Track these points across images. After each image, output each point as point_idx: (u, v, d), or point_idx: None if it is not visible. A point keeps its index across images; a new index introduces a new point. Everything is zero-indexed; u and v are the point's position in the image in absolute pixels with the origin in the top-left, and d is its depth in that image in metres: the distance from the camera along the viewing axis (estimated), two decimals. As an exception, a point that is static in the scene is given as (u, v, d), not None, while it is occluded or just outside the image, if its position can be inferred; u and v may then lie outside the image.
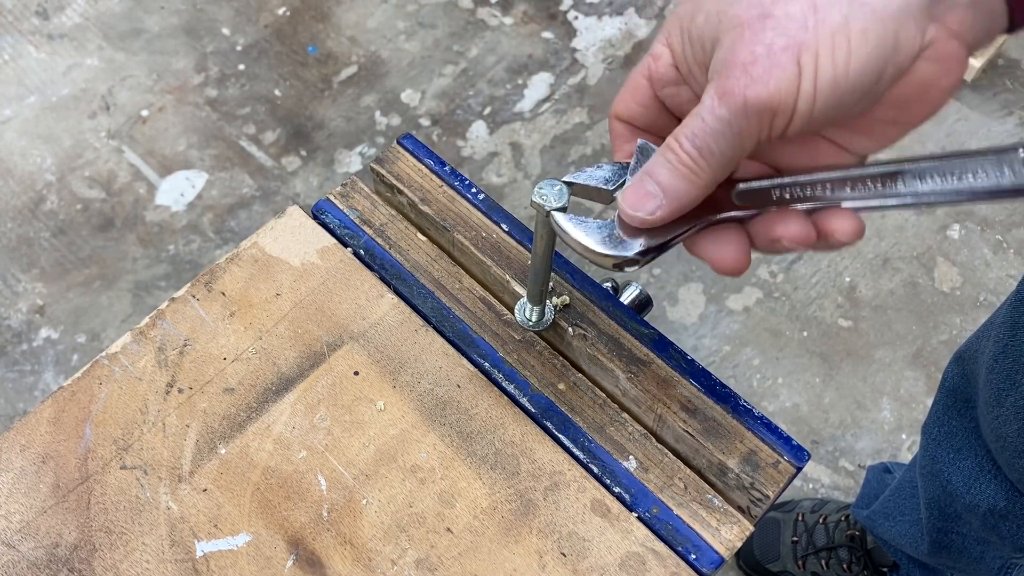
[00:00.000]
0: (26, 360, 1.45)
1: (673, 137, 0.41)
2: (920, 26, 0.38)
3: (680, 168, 0.41)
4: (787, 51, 0.37)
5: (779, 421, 1.37)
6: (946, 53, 0.39)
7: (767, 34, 0.38)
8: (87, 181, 1.61)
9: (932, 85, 0.40)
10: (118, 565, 0.51)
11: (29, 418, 0.56)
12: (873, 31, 0.37)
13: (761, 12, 0.38)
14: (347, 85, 1.72)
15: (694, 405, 0.55)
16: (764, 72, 0.38)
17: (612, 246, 0.45)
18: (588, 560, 0.52)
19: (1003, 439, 0.79)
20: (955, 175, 0.41)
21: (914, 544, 1.03)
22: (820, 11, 0.37)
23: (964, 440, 0.87)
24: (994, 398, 0.79)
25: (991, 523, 0.86)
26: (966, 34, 0.39)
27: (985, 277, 1.52)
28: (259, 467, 0.55)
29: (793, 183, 0.44)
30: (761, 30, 0.38)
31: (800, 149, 0.45)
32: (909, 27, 0.38)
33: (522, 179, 1.61)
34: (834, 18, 0.37)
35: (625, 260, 0.45)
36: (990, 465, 0.84)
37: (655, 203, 0.42)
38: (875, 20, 0.37)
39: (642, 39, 1.78)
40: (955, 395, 0.89)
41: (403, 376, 0.57)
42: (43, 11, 1.80)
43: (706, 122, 0.39)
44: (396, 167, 0.64)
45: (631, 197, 0.43)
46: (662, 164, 0.42)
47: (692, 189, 0.42)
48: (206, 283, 0.61)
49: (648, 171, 0.42)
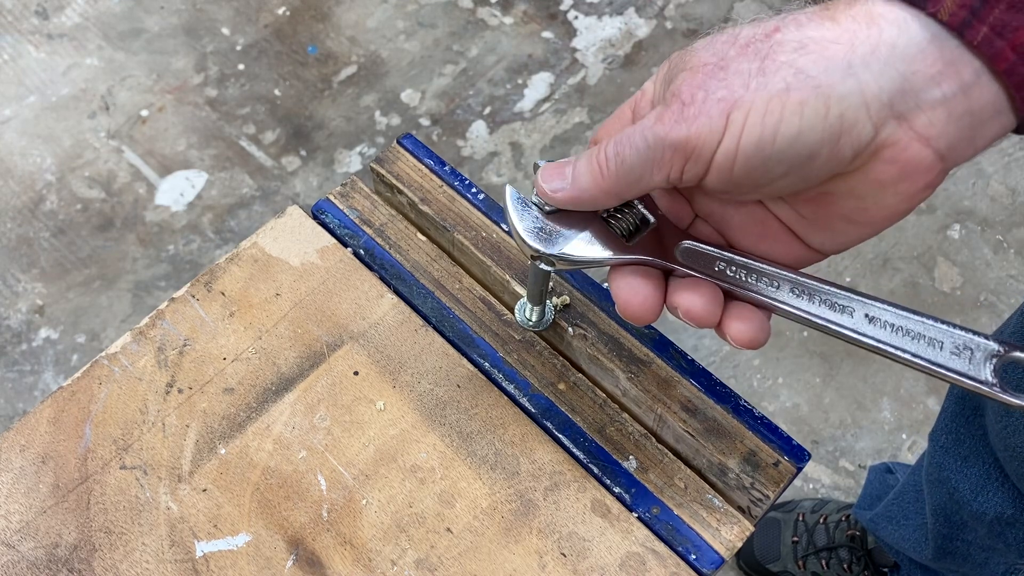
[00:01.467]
0: (26, 360, 1.45)
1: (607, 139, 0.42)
2: (875, 119, 0.36)
3: (594, 164, 0.42)
4: (721, 103, 0.37)
5: (779, 421, 1.37)
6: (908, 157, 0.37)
7: (712, 82, 0.38)
8: (87, 181, 1.61)
9: (889, 188, 0.38)
10: (118, 565, 0.51)
11: (29, 418, 0.56)
12: (811, 107, 0.36)
13: (717, 63, 0.38)
14: (347, 85, 1.72)
15: (694, 405, 0.55)
16: (693, 115, 0.38)
17: (536, 237, 0.45)
18: (588, 560, 0.52)
19: (1011, 449, 0.79)
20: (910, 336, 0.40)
21: (918, 549, 1.02)
22: (766, 74, 0.37)
23: (972, 448, 0.87)
24: (1003, 408, 0.79)
25: (998, 531, 0.86)
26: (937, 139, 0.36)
27: (985, 277, 1.52)
28: (259, 467, 0.54)
29: (742, 263, 0.43)
30: (709, 77, 0.38)
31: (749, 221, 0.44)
32: (860, 115, 0.36)
33: (522, 179, 1.61)
34: (776, 84, 0.37)
35: (541, 255, 0.45)
36: (997, 473, 0.84)
37: (561, 183, 0.44)
38: (816, 96, 0.36)
39: (642, 39, 1.78)
40: (963, 403, 0.89)
41: (403, 376, 0.57)
42: (43, 11, 1.80)
43: (633, 136, 0.40)
44: (396, 167, 0.64)
45: (548, 171, 0.44)
46: (585, 156, 0.43)
47: (593, 187, 0.42)
48: (206, 283, 0.61)
49: (575, 157, 0.44)
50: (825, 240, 0.43)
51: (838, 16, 0.37)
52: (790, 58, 0.37)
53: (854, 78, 0.36)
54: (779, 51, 0.37)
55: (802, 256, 0.44)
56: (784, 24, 0.38)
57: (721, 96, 0.37)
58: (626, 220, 0.46)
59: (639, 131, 0.40)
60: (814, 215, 0.42)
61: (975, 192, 1.60)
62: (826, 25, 0.37)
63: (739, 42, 0.38)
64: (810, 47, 0.37)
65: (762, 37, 0.38)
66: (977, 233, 1.55)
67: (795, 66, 0.36)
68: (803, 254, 0.44)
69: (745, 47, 0.38)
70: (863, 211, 0.40)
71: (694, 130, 0.38)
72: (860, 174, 0.38)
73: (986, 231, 1.56)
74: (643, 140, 0.40)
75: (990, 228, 1.56)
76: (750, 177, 0.39)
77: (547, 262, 0.46)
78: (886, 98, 0.36)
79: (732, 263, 0.44)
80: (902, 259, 1.53)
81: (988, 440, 0.85)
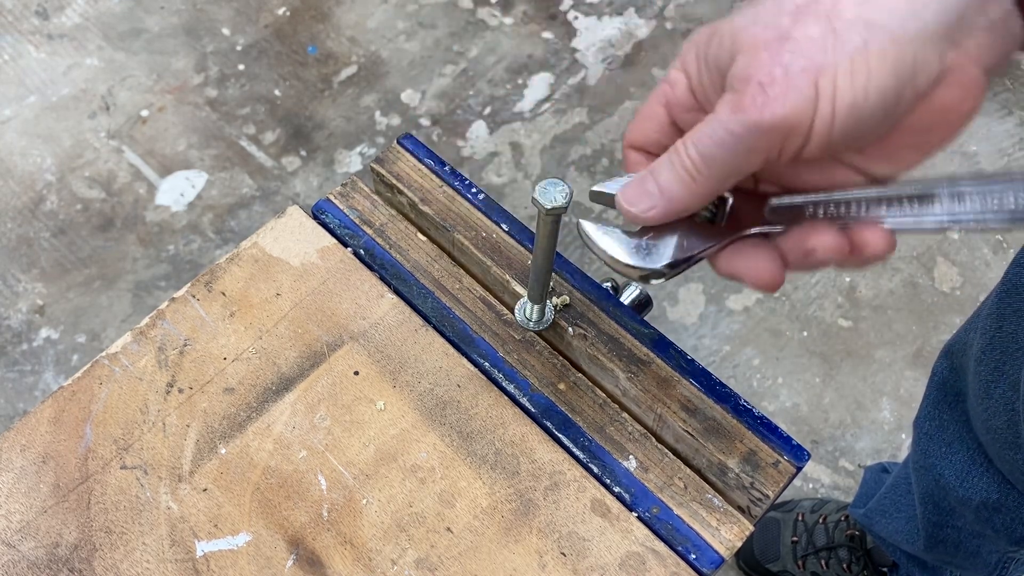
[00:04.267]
0: (26, 360, 1.45)
1: (681, 141, 0.41)
2: (939, 51, 0.38)
3: (681, 172, 0.41)
4: (805, 73, 0.37)
5: (779, 421, 1.37)
6: (966, 78, 0.39)
7: (785, 56, 0.37)
8: (87, 181, 1.61)
9: (952, 110, 0.39)
10: (118, 565, 0.52)
11: (29, 418, 0.56)
12: (892, 54, 0.37)
13: (779, 33, 0.38)
14: (347, 85, 1.72)
15: (694, 405, 0.55)
16: (781, 92, 0.37)
17: (640, 257, 0.44)
18: (588, 560, 0.52)
19: (993, 431, 0.79)
20: (995, 197, 0.40)
21: (910, 540, 1.03)
22: (839, 34, 0.37)
23: (955, 434, 0.88)
24: (983, 390, 0.79)
25: (984, 516, 0.86)
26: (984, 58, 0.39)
27: (985, 277, 1.52)
28: (259, 467, 0.55)
29: (828, 200, 0.43)
30: (779, 51, 0.37)
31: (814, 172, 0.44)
32: (928, 51, 0.37)
33: (522, 179, 1.61)
34: (853, 41, 0.37)
35: (652, 272, 0.44)
36: (981, 458, 0.85)
37: (650, 202, 0.42)
38: (893, 43, 0.37)
39: (642, 39, 1.78)
40: (945, 389, 0.89)
41: (403, 376, 0.57)
42: (43, 11, 1.80)
43: (715, 132, 0.39)
44: (396, 167, 0.64)
45: (630, 192, 0.43)
46: (665, 165, 0.42)
47: (688, 194, 0.41)
48: (206, 283, 0.61)
49: (652, 170, 0.42)
50: (888, 168, 0.43)
51: None
52: (857, 12, 0.37)
53: (919, 19, 0.37)
54: (843, 8, 0.37)
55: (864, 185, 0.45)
56: None
57: (803, 66, 0.37)
58: (707, 207, 0.45)
59: (719, 125, 0.39)
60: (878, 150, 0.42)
61: (975, 192, 1.59)
62: None
63: (786, 9, 0.38)
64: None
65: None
66: (977, 233, 1.55)
67: (864, 19, 0.37)
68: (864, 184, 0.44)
69: (801, 12, 0.38)
70: (927, 136, 0.41)
71: (789, 107, 0.37)
72: (927, 102, 0.39)
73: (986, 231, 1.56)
74: (728, 133, 0.39)
75: (990, 228, 1.56)
76: (847, 138, 0.39)
77: (657, 276, 0.45)
78: (945, 31, 0.37)
79: (820, 203, 0.43)
80: (902, 259, 1.53)
81: (971, 425, 0.85)
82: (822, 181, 0.44)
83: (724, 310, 1.47)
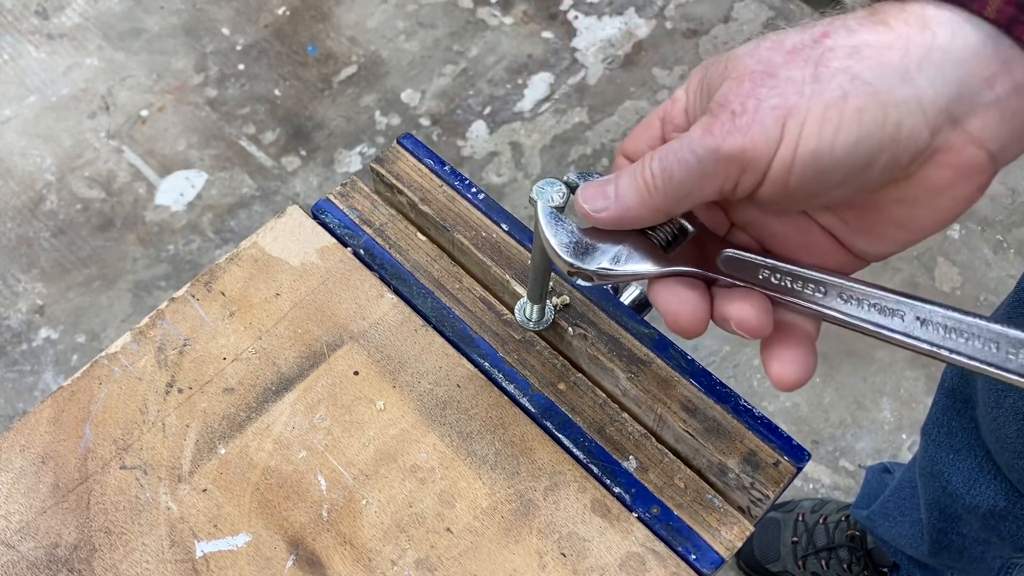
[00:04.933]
0: (26, 360, 1.45)
1: (650, 154, 0.41)
2: (932, 124, 0.35)
3: (640, 182, 0.41)
4: (775, 111, 0.36)
5: (779, 421, 1.37)
6: (961, 160, 0.36)
7: (763, 90, 0.37)
8: (87, 181, 1.61)
9: (943, 193, 0.37)
10: (118, 565, 0.51)
11: (29, 418, 0.56)
12: (871, 113, 0.35)
13: (765, 69, 0.37)
14: (347, 85, 1.72)
15: (694, 405, 0.55)
16: (746, 124, 0.37)
17: (572, 252, 0.44)
18: (588, 560, 0.52)
19: (1002, 440, 0.79)
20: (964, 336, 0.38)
21: (914, 544, 1.03)
22: (821, 81, 0.36)
23: (963, 441, 0.88)
24: (993, 399, 0.79)
25: (991, 524, 0.86)
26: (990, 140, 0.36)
27: (985, 277, 1.52)
28: (259, 467, 0.54)
29: (787, 270, 0.42)
30: (759, 85, 0.37)
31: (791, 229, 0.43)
32: (917, 121, 0.35)
33: (522, 179, 1.61)
34: (832, 91, 0.35)
35: (577, 270, 0.44)
36: (990, 466, 0.84)
37: (604, 203, 0.42)
38: (875, 102, 0.35)
39: (642, 39, 1.78)
40: (954, 396, 0.89)
41: (403, 376, 0.57)
42: (43, 11, 1.80)
43: (680, 150, 0.39)
44: (396, 167, 0.64)
45: (589, 190, 0.43)
46: (628, 173, 0.41)
47: (641, 206, 0.41)
48: (206, 283, 0.61)
49: (617, 174, 0.42)
50: (871, 246, 0.41)
51: (890, 21, 0.36)
52: (844, 64, 0.36)
53: (911, 84, 0.35)
54: (832, 57, 0.36)
55: (845, 263, 0.43)
56: (833, 29, 0.37)
57: (775, 104, 0.36)
58: (664, 231, 0.44)
59: (686, 144, 0.38)
60: (860, 222, 0.41)
61: (975, 192, 1.59)
62: (879, 30, 0.36)
63: (785, 48, 0.37)
64: (864, 52, 0.35)
65: (810, 43, 0.37)
66: (977, 233, 1.55)
67: (850, 72, 0.35)
68: (846, 261, 0.43)
69: (794, 53, 0.37)
70: (913, 216, 0.39)
71: (748, 140, 0.37)
72: (913, 180, 0.37)
73: (986, 231, 1.56)
74: (692, 154, 0.38)
75: (990, 228, 1.56)
76: (805, 188, 0.37)
77: (586, 278, 0.44)
78: (942, 103, 0.35)
79: (777, 270, 0.42)
80: (902, 259, 1.53)
81: (980, 433, 0.85)
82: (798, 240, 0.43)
83: (724, 310, 1.47)
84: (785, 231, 0.43)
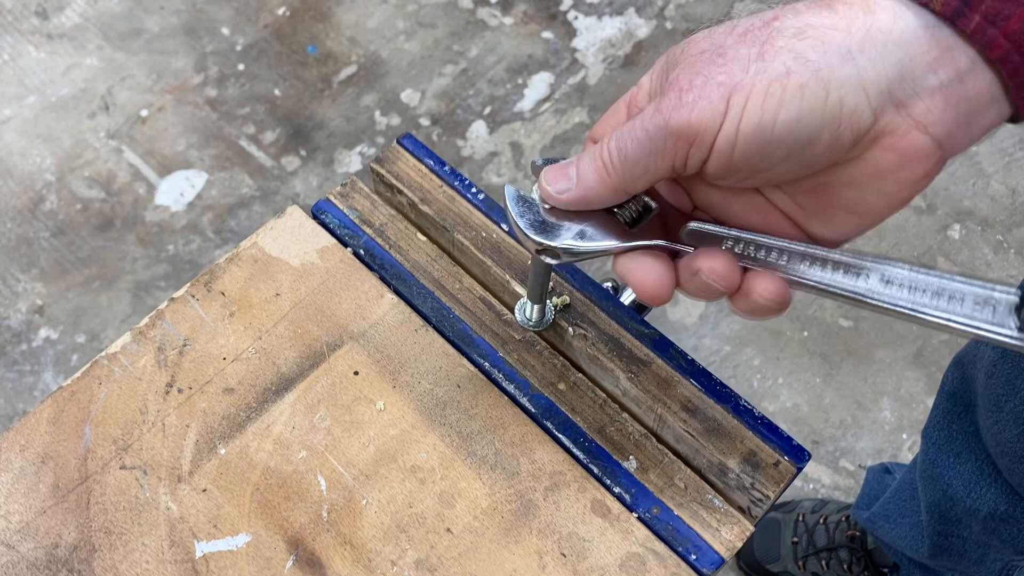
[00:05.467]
0: (26, 360, 1.45)
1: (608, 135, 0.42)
2: (874, 105, 0.36)
3: (598, 162, 0.42)
4: (721, 87, 0.37)
5: (779, 421, 1.37)
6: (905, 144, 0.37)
7: (710, 68, 0.38)
8: (87, 181, 1.61)
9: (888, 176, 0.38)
10: (117, 565, 0.51)
11: (29, 418, 0.56)
12: (811, 90, 0.36)
13: (716, 51, 0.38)
14: (347, 85, 1.72)
15: (694, 405, 0.55)
16: (693, 100, 0.38)
17: (537, 230, 0.45)
18: (588, 560, 0.52)
19: (1003, 444, 0.79)
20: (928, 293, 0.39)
21: (915, 546, 1.03)
22: (766, 59, 0.37)
23: (964, 444, 0.87)
24: (993, 403, 0.79)
25: (991, 527, 0.86)
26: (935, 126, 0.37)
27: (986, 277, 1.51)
28: (259, 467, 0.54)
29: (750, 239, 0.43)
30: (708, 64, 0.38)
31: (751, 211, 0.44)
32: (859, 100, 0.36)
33: (522, 179, 1.61)
34: (775, 68, 0.37)
35: (545, 248, 0.45)
36: (990, 469, 0.84)
37: (566, 184, 0.43)
38: (816, 80, 0.36)
39: (642, 39, 1.78)
40: (955, 399, 0.89)
41: (403, 376, 0.57)
42: (43, 11, 1.80)
43: (634, 129, 0.40)
44: (396, 167, 0.64)
45: (552, 172, 0.44)
46: (588, 155, 0.43)
47: (601, 185, 0.42)
48: (206, 283, 0.61)
49: (579, 157, 0.44)
50: (826, 230, 0.43)
51: (836, 5, 0.37)
52: (789, 43, 0.37)
53: (852, 63, 0.36)
54: (778, 37, 0.37)
55: None
56: (782, 12, 0.38)
57: (721, 80, 0.38)
58: (629, 209, 0.45)
59: (639, 123, 0.40)
60: (813, 205, 0.42)
61: (975, 192, 1.60)
62: (823, 13, 0.37)
63: (736, 31, 0.39)
64: (808, 32, 0.37)
65: (760, 25, 0.38)
66: (977, 233, 1.55)
67: (794, 51, 0.37)
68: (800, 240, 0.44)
69: (743, 35, 0.38)
70: (862, 201, 0.40)
71: (695, 115, 0.38)
72: (859, 162, 0.38)
73: (986, 231, 1.56)
74: (644, 132, 0.40)
75: (990, 228, 1.56)
76: (750, 161, 0.39)
77: (552, 255, 0.46)
78: (884, 84, 0.36)
79: (740, 240, 0.43)
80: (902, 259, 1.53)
81: (980, 436, 0.85)
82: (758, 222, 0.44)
83: (724, 310, 1.47)
84: (745, 212, 0.44)
